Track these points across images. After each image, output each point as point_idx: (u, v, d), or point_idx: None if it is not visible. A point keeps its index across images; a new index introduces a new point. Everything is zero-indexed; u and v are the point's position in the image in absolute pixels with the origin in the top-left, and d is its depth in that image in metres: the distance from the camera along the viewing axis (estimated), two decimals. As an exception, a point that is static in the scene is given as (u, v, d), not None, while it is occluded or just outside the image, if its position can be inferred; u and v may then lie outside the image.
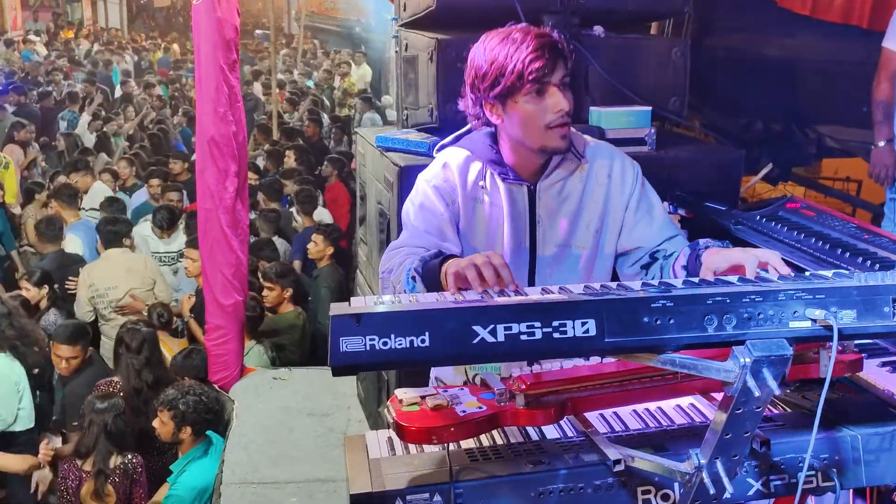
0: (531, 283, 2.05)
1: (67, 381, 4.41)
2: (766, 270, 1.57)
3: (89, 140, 9.78)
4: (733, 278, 1.53)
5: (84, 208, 6.60)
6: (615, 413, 1.76)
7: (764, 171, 3.95)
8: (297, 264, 5.79)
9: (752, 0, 4.19)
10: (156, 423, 3.75)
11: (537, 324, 1.19)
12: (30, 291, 5.04)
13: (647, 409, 1.78)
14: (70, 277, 5.40)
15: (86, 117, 10.65)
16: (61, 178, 7.24)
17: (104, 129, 9.95)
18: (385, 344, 1.17)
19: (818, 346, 1.43)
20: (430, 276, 1.65)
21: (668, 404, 1.80)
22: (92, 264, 5.56)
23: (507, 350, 1.19)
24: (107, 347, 5.05)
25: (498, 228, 2.00)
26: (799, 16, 3.93)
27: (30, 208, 7.13)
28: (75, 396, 4.21)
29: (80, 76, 14.28)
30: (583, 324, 1.20)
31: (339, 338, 1.17)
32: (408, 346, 1.17)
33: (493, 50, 1.87)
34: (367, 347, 1.17)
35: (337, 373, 1.19)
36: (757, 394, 1.19)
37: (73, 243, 5.90)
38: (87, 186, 7.17)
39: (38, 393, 4.43)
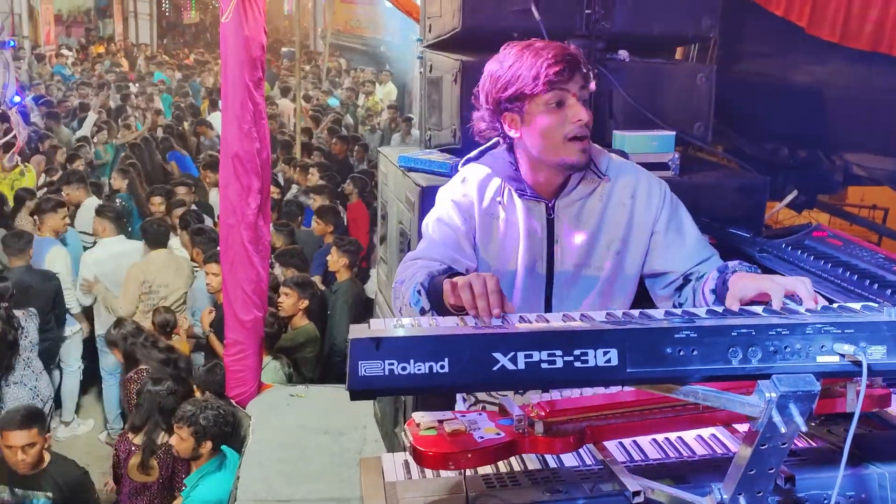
0: (548, 301, 2.02)
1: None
2: (794, 299, 1.54)
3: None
4: (759, 308, 1.51)
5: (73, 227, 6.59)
6: (634, 442, 1.74)
7: (789, 198, 3.91)
8: (316, 279, 5.81)
9: (781, 26, 4.15)
10: (174, 441, 3.75)
11: (558, 352, 1.18)
12: None
13: (668, 439, 1.75)
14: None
15: (90, 120, 10.63)
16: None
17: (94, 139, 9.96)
18: (404, 369, 1.16)
19: (845, 381, 1.40)
20: (435, 292, 1.63)
21: (690, 435, 1.77)
22: (144, 263, 5.67)
23: (528, 378, 1.18)
24: None
25: (514, 245, 1.98)
26: (828, 43, 3.89)
27: (20, 217, 6.88)
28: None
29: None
30: (605, 353, 1.18)
31: (358, 362, 1.16)
32: (427, 371, 1.16)
33: (511, 57, 1.87)
34: (386, 372, 1.16)
35: (355, 397, 1.18)
36: (783, 430, 1.17)
37: (57, 257, 5.76)
38: (80, 200, 7.06)
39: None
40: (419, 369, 1.16)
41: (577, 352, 1.18)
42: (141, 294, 5.52)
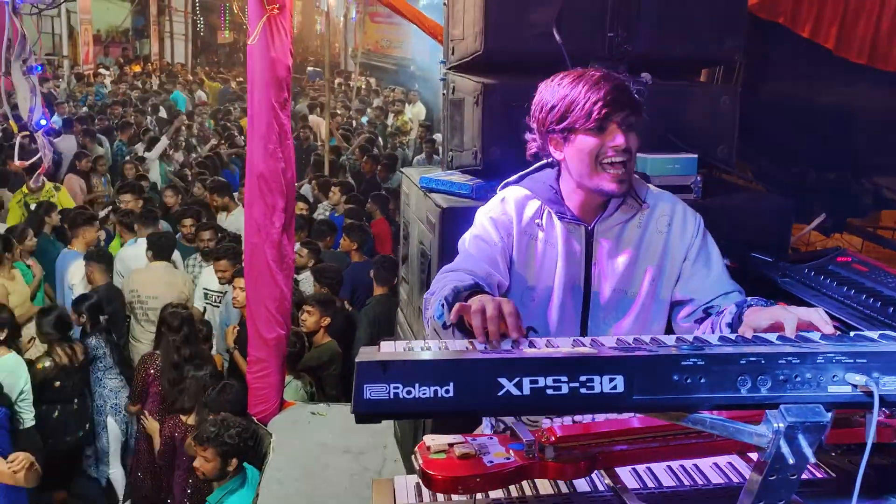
0: (584, 324, 2.04)
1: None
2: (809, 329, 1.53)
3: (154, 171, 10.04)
4: (773, 336, 1.49)
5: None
6: (648, 469, 1.72)
7: (817, 221, 3.86)
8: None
9: (808, 48, 4.13)
10: (197, 463, 3.76)
11: (564, 378, 1.17)
12: None
13: (683, 466, 1.74)
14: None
15: (161, 145, 10.85)
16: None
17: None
18: (409, 393, 1.16)
19: (864, 411, 1.37)
20: None
21: (705, 462, 1.75)
22: (139, 271, 5.89)
23: (532, 404, 1.17)
24: (135, 351, 5.52)
25: (551, 267, 2.00)
26: (856, 65, 3.86)
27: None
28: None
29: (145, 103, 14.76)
30: (611, 380, 1.17)
31: (364, 384, 1.17)
32: (432, 395, 1.16)
33: (565, 87, 1.90)
34: (391, 396, 1.16)
35: (360, 419, 1.19)
36: (791, 461, 1.14)
37: (78, 271, 5.89)
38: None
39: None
40: (424, 393, 1.16)
41: (582, 378, 1.17)
42: (132, 301, 5.68)
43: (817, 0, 3.74)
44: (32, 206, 7.44)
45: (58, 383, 4.81)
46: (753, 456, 1.59)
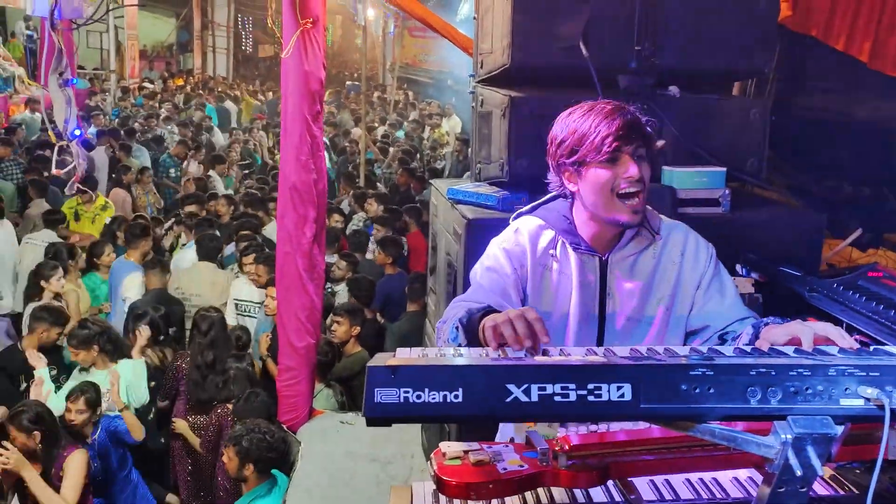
0: None
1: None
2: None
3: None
4: (789, 349, 1.48)
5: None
6: (667, 481, 1.71)
7: (853, 237, 3.80)
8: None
9: (842, 61, 4.07)
10: (224, 458, 3.86)
11: (572, 385, 1.18)
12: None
13: (702, 479, 1.72)
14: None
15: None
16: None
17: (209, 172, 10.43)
18: (419, 397, 1.19)
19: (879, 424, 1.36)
20: (471, 329, 1.67)
21: (725, 475, 1.74)
22: (185, 270, 6.15)
23: (540, 411, 1.18)
24: None
25: (566, 297, 2.02)
26: (891, 78, 3.80)
27: None
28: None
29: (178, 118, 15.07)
30: (618, 388, 1.18)
31: (375, 388, 1.20)
32: (441, 400, 1.18)
33: (576, 120, 1.92)
34: (402, 400, 1.19)
35: (371, 423, 1.22)
36: (799, 473, 1.14)
37: (132, 283, 6.01)
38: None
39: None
40: (433, 398, 1.18)
41: (590, 385, 1.18)
42: (179, 298, 5.87)
43: (850, 13, 3.69)
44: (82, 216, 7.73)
45: (153, 383, 4.92)
46: (771, 470, 1.59)
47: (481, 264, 2.06)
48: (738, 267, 3.01)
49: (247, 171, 11.55)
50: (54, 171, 8.16)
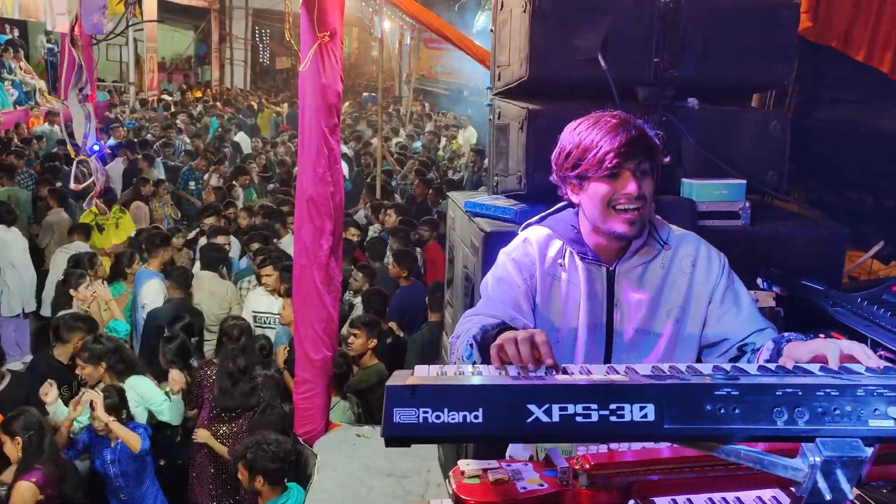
0: (607, 364, 2.01)
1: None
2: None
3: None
4: (815, 367, 1.45)
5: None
6: (689, 500, 1.68)
7: (875, 249, 3.75)
8: (392, 324, 5.87)
9: (864, 72, 4.03)
10: (239, 475, 3.86)
11: (594, 406, 1.16)
12: None
13: (725, 499, 1.69)
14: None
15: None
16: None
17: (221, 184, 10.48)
18: (438, 417, 1.17)
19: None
20: (486, 346, 1.65)
21: (748, 496, 1.70)
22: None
23: (561, 431, 1.16)
24: None
25: (574, 307, 2.00)
26: (914, 89, 3.76)
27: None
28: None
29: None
30: (641, 408, 1.16)
31: (394, 408, 1.18)
32: (461, 421, 1.17)
33: (581, 133, 1.91)
34: (421, 420, 1.17)
35: (389, 443, 1.20)
36: (828, 497, 1.11)
37: (151, 290, 6.05)
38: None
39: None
40: (453, 418, 1.17)
41: (612, 406, 1.16)
42: None
43: (871, 23, 3.65)
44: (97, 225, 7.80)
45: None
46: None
47: (492, 275, 2.06)
48: (758, 280, 2.97)
49: (267, 183, 11.58)
50: (72, 185, 8.24)
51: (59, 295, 5.85)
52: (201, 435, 4.70)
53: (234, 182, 10.44)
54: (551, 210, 2.12)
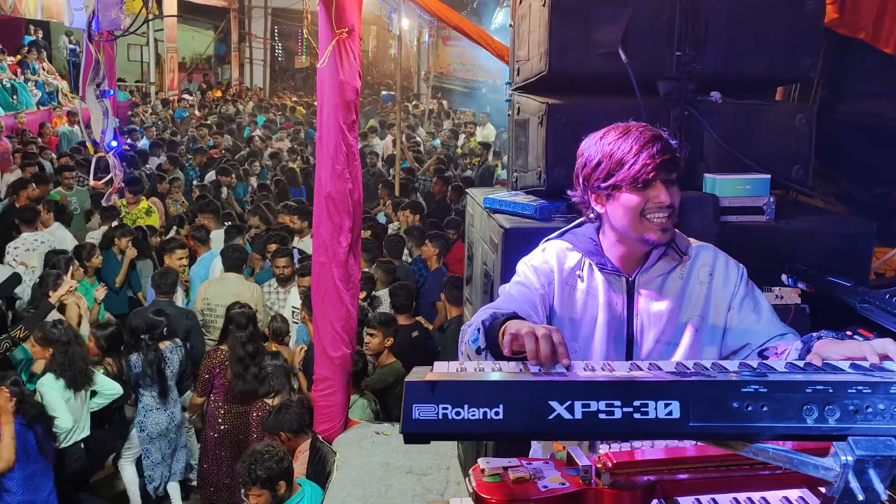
0: None
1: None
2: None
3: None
4: (845, 364, 1.41)
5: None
6: (713, 500, 1.65)
7: (902, 245, 3.68)
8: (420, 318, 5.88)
9: (891, 66, 3.96)
10: (253, 501, 3.81)
11: (617, 402, 1.14)
12: None
13: (750, 499, 1.66)
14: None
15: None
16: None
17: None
18: (458, 414, 1.15)
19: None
20: (493, 332, 1.64)
21: (775, 496, 1.67)
22: (210, 281, 6.30)
23: (584, 428, 1.14)
24: None
25: (593, 317, 2.01)
26: (943, 82, 3.68)
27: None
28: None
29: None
30: (666, 405, 1.13)
31: (413, 404, 1.16)
32: (481, 417, 1.14)
33: (610, 144, 1.91)
34: (440, 416, 1.15)
35: (408, 440, 1.18)
36: (860, 497, 1.08)
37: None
38: (211, 229, 7.57)
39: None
40: (473, 415, 1.14)
41: (636, 403, 1.13)
42: (203, 309, 6.04)
43: (900, 15, 3.59)
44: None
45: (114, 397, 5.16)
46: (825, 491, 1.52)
47: (511, 282, 2.07)
48: (783, 277, 2.92)
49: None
50: (91, 181, 8.31)
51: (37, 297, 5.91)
52: (196, 402, 5.21)
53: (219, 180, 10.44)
54: (570, 226, 2.14)
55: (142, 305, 6.62)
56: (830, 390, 1.14)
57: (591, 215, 2.02)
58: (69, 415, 4.73)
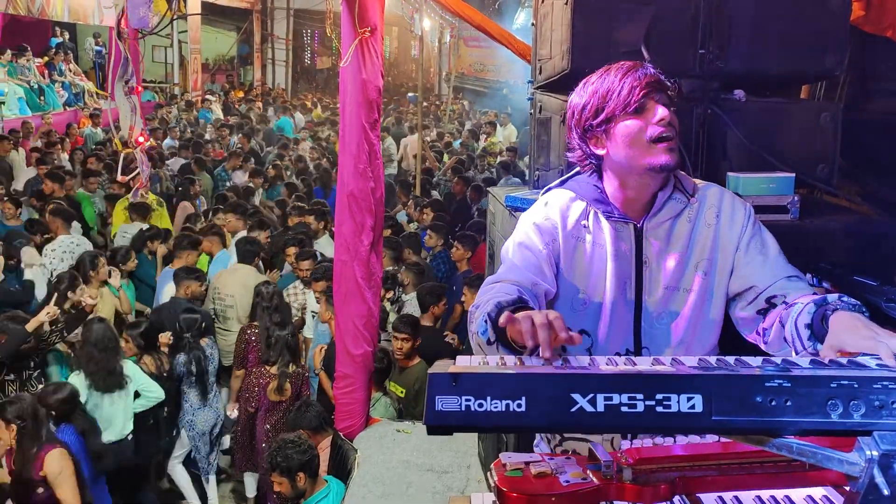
0: (636, 325, 1.98)
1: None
2: None
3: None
4: (871, 361, 1.40)
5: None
6: (736, 497, 1.64)
7: (929, 245, 3.63)
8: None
9: (919, 63, 3.91)
10: (279, 487, 3.88)
11: (640, 396, 1.14)
12: None
13: (773, 497, 1.65)
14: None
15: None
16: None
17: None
18: (481, 406, 1.16)
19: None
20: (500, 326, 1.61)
21: (798, 494, 1.66)
22: (223, 272, 6.42)
23: (606, 422, 1.14)
24: (221, 344, 6.00)
25: (601, 268, 1.95)
26: (973, 79, 3.63)
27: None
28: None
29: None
30: (688, 399, 1.13)
31: (436, 396, 1.17)
32: (503, 409, 1.15)
33: (594, 84, 1.93)
34: (463, 408, 1.16)
35: (432, 431, 1.19)
36: (886, 492, 1.07)
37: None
38: (236, 229, 7.65)
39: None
40: (496, 407, 1.15)
41: (659, 396, 1.14)
42: (214, 298, 6.16)
43: (927, 12, 3.54)
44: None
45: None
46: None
47: (513, 241, 2.02)
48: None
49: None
50: (119, 177, 8.43)
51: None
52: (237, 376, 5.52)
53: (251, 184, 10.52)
54: (570, 174, 2.09)
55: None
56: (856, 385, 1.13)
57: (592, 162, 1.97)
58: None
